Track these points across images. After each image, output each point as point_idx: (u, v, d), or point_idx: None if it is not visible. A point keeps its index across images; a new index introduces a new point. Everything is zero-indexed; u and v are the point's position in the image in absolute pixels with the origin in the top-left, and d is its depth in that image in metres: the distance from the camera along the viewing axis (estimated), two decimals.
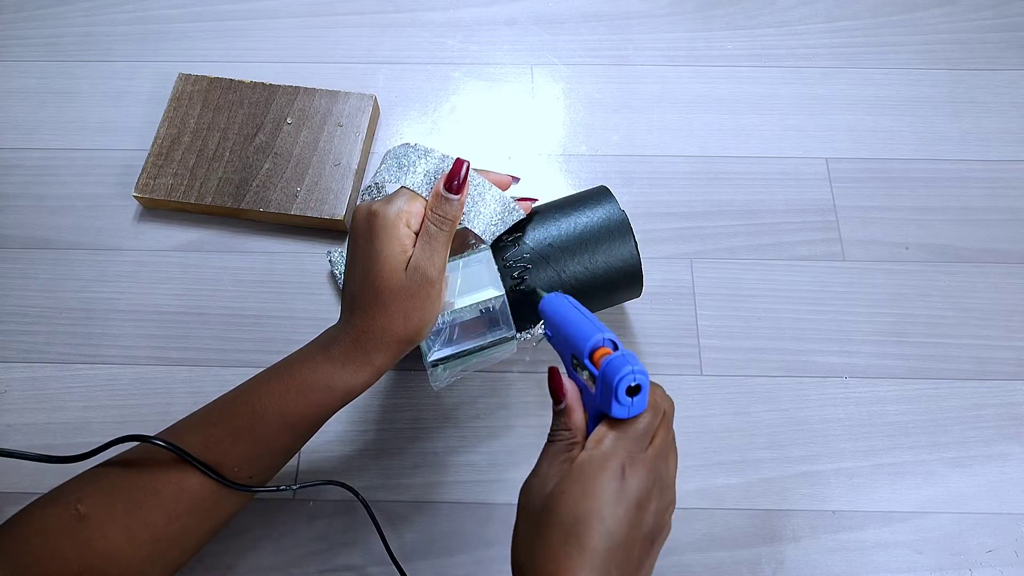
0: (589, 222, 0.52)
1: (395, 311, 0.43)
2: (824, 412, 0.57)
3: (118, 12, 0.75)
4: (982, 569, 0.52)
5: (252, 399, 0.44)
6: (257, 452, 0.44)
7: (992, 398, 0.58)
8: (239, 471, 0.44)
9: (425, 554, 0.53)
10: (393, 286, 0.43)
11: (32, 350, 0.60)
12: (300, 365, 0.45)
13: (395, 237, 0.43)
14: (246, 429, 0.43)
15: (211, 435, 0.44)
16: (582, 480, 0.36)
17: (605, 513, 0.35)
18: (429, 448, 0.56)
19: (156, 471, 0.43)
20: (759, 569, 0.53)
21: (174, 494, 0.42)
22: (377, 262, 0.43)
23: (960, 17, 0.74)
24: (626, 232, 0.52)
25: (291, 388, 0.44)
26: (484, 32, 0.74)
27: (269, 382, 0.45)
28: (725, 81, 0.71)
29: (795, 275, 0.62)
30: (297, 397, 0.43)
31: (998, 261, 0.63)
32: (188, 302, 0.61)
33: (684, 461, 0.55)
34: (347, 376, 0.44)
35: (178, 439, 0.43)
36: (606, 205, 0.53)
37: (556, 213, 0.53)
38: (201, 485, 0.43)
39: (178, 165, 0.64)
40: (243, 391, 0.45)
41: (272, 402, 0.44)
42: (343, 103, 0.66)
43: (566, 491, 0.36)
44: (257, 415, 0.43)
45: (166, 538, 0.42)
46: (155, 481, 0.42)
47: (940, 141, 0.68)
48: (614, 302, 0.56)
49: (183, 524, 0.43)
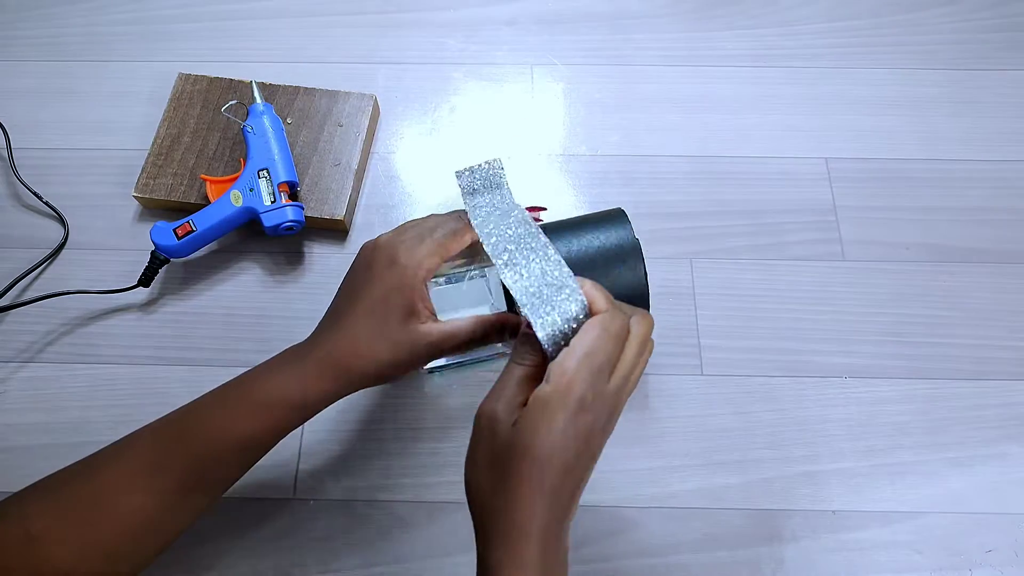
0: (600, 244, 0.51)
1: (383, 351, 0.43)
2: (824, 412, 0.57)
3: (118, 12, 0.75)
4: (982, 569, 0.52)
5: (208, 416, 0.44)
6: (212, 471, 0.43)
7: (992, 398, 0.58)
8: (193, 489, 0.43)
9: (425, 554, 0.53)
10: (398, 334, 0.43)
11: (32, 350, 0.60)
12: (261, 381, 0.44)
13: (414, 287, 0.43)
14: (201, 448, 0.43)
15: (164, 453, 0.43)
16: (545, 416, 0.36)
17: (565, 451, 0.36)
18: (429, 448, 0.56)
19: (108, 489, 0.42)
20: (759, 569, 0.53)
21: (127, 514, 0.41)
22: (388, 304, 0.43)
23: (960, 17, 0.74)
24: (636, 258, 0.51)
25: (248, 405, 0.43)
26: (484, 32, 0.74)
27: (226, 398, 0.44)
28: (725, 81, 0.71)
29: (795, 275, 0.62)
30: (254, 415, 0.43)
31: (998, 261, 0.63)
32: (188, 302, 0.61)
33: (684, 461, 0.56)
34: (307, 395, 0.43)
35: (131, 455, 0.43)
36: (618, 227, 0.52)
37: (567, 232, 0.52)
38: (154, 504, 0.42)
39: (178, 165, 0.64)
40: (200, 406, 0.44)
41: (228, 420, 0.43)
42: (343, 103, 0.66)
43: (528, 427, 0.36)
44: (212, 434, 0.43)
45: (118, 555, 0.42)
46: (106, 497, 0.41)
47: (940, 141, 0.68)
48: None
49: (136, 541, 0.42)
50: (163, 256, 0.59)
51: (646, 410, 0.57)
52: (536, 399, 0.37)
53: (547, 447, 0.36)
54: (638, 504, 0.54)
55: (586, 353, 0.37)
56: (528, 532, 0.36)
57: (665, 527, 0.54)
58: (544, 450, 0.36)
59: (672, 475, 0.55)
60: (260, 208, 0.58)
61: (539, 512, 0.36)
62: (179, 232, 0.58)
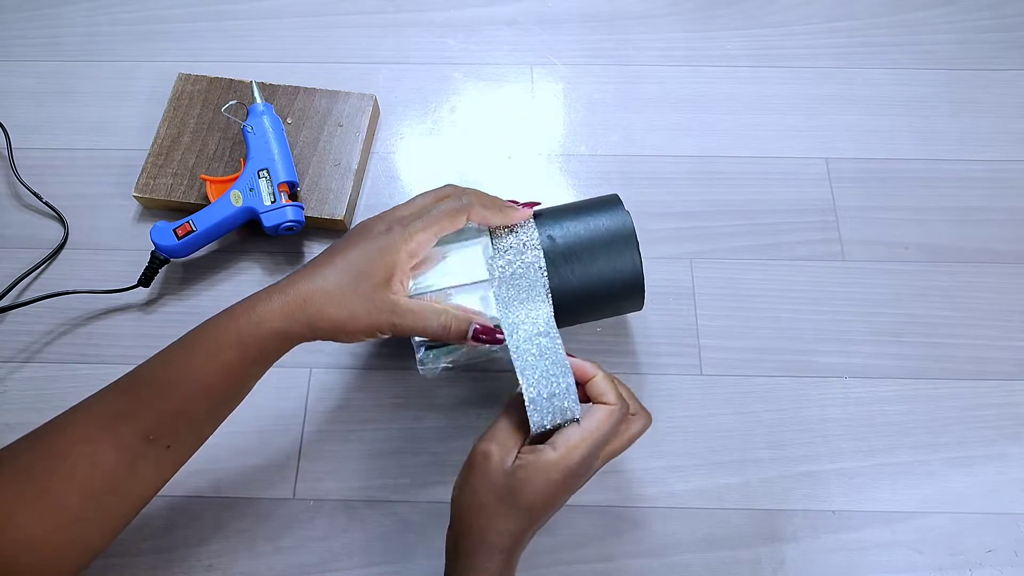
0: (595, 229, 0.51)
1: (348, 305, 0.43)
2: (824, 412, 0.57)
3: (119, 11, 0.75)
4: (982, 569, 0.52)
5: (167, 363, 0.43)
6: (171, 421, 0.42)
7: (991, 398, 0.58)
8: (155, 439, 0.42)
9: (425, 554, 0.53)
10: (366, 290, 0.44)
11: (32, 350, 0.60)
12: (217, 322, 0.43)
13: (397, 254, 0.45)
14: (159, 395, 0.42)
15: (122, 403, 0.42)
16: (544, 476, 0.42)
17: (548, 503, 0.43)
18: (429, 448, 0.56)
19: (65, 448, 0.41)
20: (759, 569, 0.53)
21: (86, 471, 0.40)
22: (370, 261, 0.44)
23: (958, 17, 0.74)
24: (631, 243, 0.50)
25: (203, 350, 0.43)
26: (484, 32, 0.74)
27: (184, 344, 0.43)
28: (725, 81, 0.71)
29: (795, 275, 0.62)
30: (208, 358, 0.42)
31: (998, 261, 0.63)
32: (188, 302, 0.61)
33: (684, 461, 0.56)
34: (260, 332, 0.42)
35: (87, 411, 0.42)
36: (614, 213, 0.51)
37: (562, 217, 0.52)
38: (116, 458, 0.41)
39: (178, 165, 0.64)
40: (160, 355, 0.44)
41: (185, 365, 0.42)
42: (343, 103, 0.66)
43: (527, 477, 0.43)
44: (170, 380, 0.42)
45: (84, 520, 0.41)
46: (65, 459, 0.40)
47: (939, 141, 0.68)
48: (614, 313, 0.56)
49: (100, 503, 0.41)
50: (163, 256, 0.59)
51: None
52: (540, 459, 0.43)
53: (540, 499, 0.43)
54: (638, 504, 0.54)
55: (591, 433, 0.43)
56: (497, 548, 0.43)
57: (665, 527, 0.54)
58: (537, 500, 0.42)
59: (672, 475, 0.55)
60: (260, 208, 0.59)
61: (512, 538, 0.43)
62: (179, 232, 0.58)
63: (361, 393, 0.58)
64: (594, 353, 0.59)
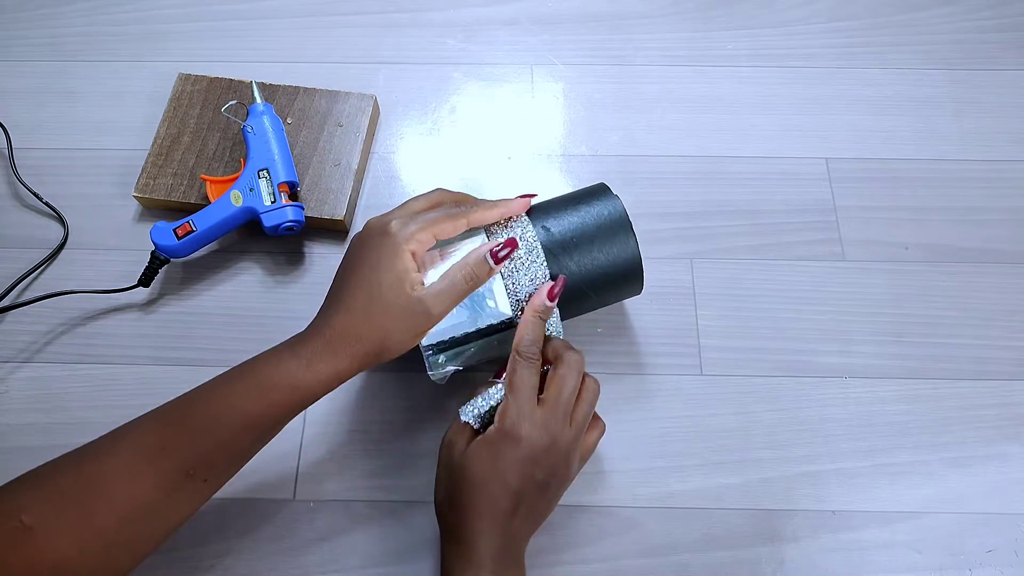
0: (588, 217, 0.51)
1: (379, 323, 0.44)
2: (824, 412, 0.57)
3: (118, 12, 0.75)
4: (982, 569, 0.52)
5: (212, 399, 0.43)
6: (212, 457, 0.43)
7: (992, 398, 0.58)
8: (194, 474, 0.42)
9: (426, 554, 0.53)
10: (389, 299, 0.44)
11: (32, 350, 0.60)
12: (264, 364, 0.44)
13: (402, 256, 0.45)
14: (204, 430, 0.42)
15: (166, 436, 0.42)
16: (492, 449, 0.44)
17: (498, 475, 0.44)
18: (429, 448, 0.56)
19: (107, 475, 0.41)
20: (759, 569, 0.53)
21: (127, 500, 0.41)
22: (378, 272, 0.44)
23: (960, 17, 0.74)
24: (626, 226, 0.51)
25: (252, 388, 0.43)
26: (484, 32, 0.74)
27: (230, 381, 0.44)
28: (725, 81, 0.71)
29: (795, 275, 0.62)
30: (259, 397, 0.43)
31: (998, 261, 0.63)
32: (188, 302, 0.61)
33: (684, 461, 0.56)
34: (310, 375, 0.43)
35: (131, 439, 0.42)
36: (605, 200, 0.52)
37: (554, 209, 0.52)
38: (155, 488, 0.41)
39: (178, 165, 0.64)
40: (203, 390, 0.44)
41: (232, 402, 0.43)
42: (343, 103, 0.66)
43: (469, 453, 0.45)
44: (216, 416, 0.43)
45: (118, 544, 0.41)
46: (106, 486, 0.41)
47: (940, 141, 0.68)
48: (615, 299, 0.56)
49: (136, 530, 0.41)
50: (163, 256, 0.59)
51: (646, 410, 0.57)
52: (486, 435, 0.45)
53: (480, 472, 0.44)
54: (638, 504, 0.54)
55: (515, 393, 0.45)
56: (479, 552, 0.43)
57: (665, 527, 0.54)
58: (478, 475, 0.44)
59: (672, 475, 0.55)
60: (260, 208, 0.58)
61: (484, 530, 0.43)
62: (179, 232, 0.58)
63: (361, 394, 0.58)
64: (594, 353, 0.59)
